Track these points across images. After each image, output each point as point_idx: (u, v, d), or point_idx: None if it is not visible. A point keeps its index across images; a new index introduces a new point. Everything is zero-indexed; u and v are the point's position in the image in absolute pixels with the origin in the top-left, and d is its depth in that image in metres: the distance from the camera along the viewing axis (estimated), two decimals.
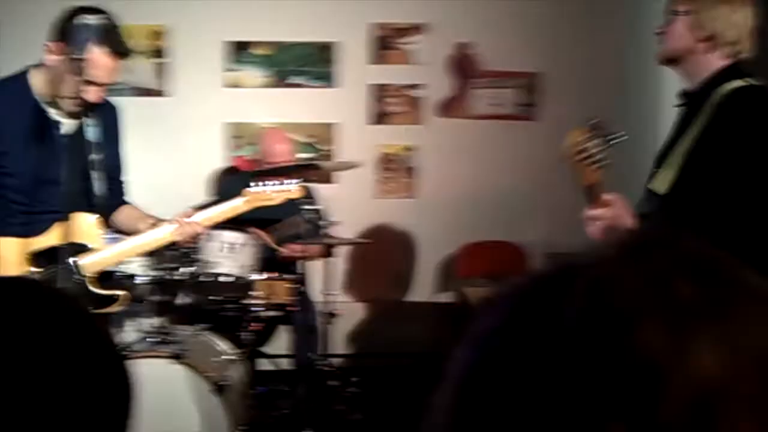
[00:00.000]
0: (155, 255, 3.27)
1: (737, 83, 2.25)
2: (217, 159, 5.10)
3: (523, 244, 5.13)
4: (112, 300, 2.76)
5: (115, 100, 2.94)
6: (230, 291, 3.74)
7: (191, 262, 3.58)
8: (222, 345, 3.61)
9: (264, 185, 2.99)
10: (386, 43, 5.18)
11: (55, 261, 2.64)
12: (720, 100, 2.22)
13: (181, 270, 3.52)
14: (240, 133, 5.10)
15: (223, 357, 3.54)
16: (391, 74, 5.19)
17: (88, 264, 2.72)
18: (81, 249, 2.71)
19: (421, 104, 5.21)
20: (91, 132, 2.68)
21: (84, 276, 2.71)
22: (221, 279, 3.65)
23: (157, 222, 2.84)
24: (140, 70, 4.92)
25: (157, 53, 5.04)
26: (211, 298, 3.78)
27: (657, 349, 0.49)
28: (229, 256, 3.66)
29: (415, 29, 5.17)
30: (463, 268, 5.09)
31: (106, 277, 2.83)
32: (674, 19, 2.33)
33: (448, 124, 5.23)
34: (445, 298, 5.20)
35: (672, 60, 2.37)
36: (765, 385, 0.50)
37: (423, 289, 5.27)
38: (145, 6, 4.90)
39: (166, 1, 5.00)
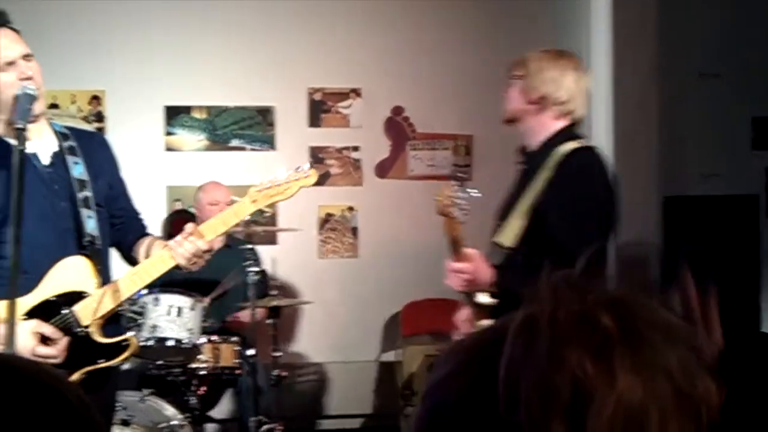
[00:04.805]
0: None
1: (573, 145, 2.44)
2: (158, 222, 5.07)
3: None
4: (121, 348, 2.40)
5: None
6: (176, 355, 3.70)
7: (137, 327, 3.54)
8: (169, 410, 3.55)
9: (270, 179, 2.44)
10: (324, 107, 5.28)
11: (51, 317, 2.32)
12: (560, 160, 2.40)
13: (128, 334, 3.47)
14: (181, 196, 5.09)
15: (170, 422, 3.49)
16: (330, 137, 5.28)
17: (87, 312, 2.35)
18: (76, 297, 2.36)
19: (360, 166, 5.31)
20: (77, 169, 2.43)
21: (85, 326, 2.35)
22: (167, 343, 3.60)
23: (161, 246, 2.44)
24: None
25: (98, 117, 5.03)
26: (157, 362, 3.73)
27: (585, 371, 0.56)
28: (176, 320, 3.62)
29: (352, 93, 5.29)
30: (406, 327, 5.13)
31: (114, 321, 2.46)
32: (511, 84, 2.55)
33: (387, 184, 5.32)
34: (390, 357, 5.22)
35: (512, 120, 2.57)
36: (678, 399, 0.58)
37: (368, 348, 5.28)
38: (85, 71, 4.91)
39: (106, 66, 5.00)
